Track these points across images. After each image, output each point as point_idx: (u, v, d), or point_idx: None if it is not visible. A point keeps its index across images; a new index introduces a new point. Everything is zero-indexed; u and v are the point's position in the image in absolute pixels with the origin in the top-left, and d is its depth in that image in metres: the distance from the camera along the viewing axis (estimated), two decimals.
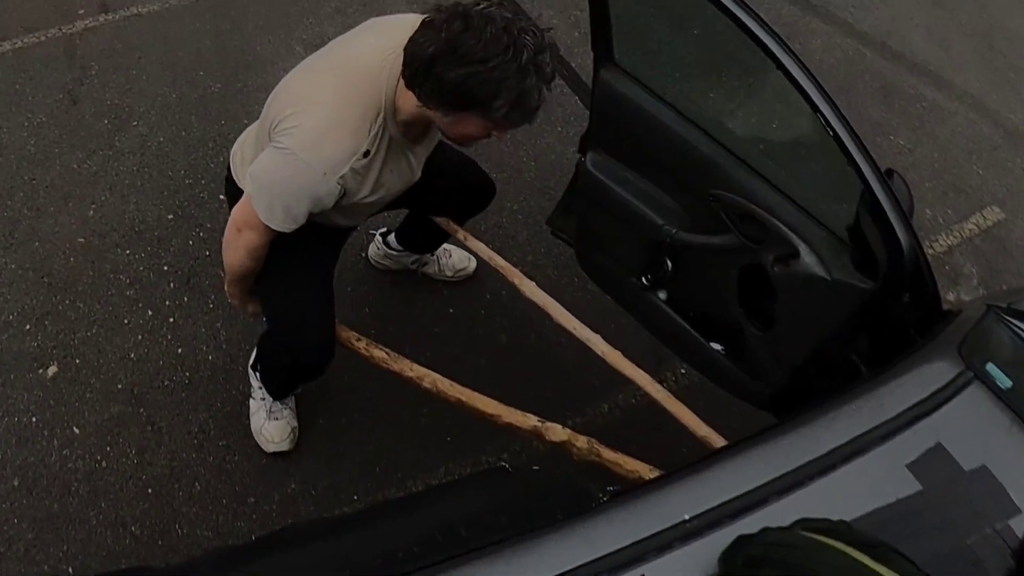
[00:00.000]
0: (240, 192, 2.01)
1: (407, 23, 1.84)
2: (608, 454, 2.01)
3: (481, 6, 1.66)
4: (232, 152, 2.22)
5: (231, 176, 2.20)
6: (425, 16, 1.72)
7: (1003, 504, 1.41)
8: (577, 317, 2.32)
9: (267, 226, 1.94)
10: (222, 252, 2.12)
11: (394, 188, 2.06)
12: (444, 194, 2.48)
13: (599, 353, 2.27)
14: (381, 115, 1.86)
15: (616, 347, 2.27)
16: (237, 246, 2.04)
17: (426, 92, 1.74)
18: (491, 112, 1.71)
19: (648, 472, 1.95)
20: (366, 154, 1.86)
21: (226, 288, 2.30)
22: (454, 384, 2.17)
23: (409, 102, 1.82)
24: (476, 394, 2.15)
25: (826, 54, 4.34)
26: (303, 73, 1.98)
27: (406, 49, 1.72)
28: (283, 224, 1.93)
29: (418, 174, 2.13)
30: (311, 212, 1.93)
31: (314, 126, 1.82)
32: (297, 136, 1.82)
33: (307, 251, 2.19)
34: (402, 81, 1.80)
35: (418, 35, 1.70)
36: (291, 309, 2.23)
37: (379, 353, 2.26)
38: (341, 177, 1.85)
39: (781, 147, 2.18)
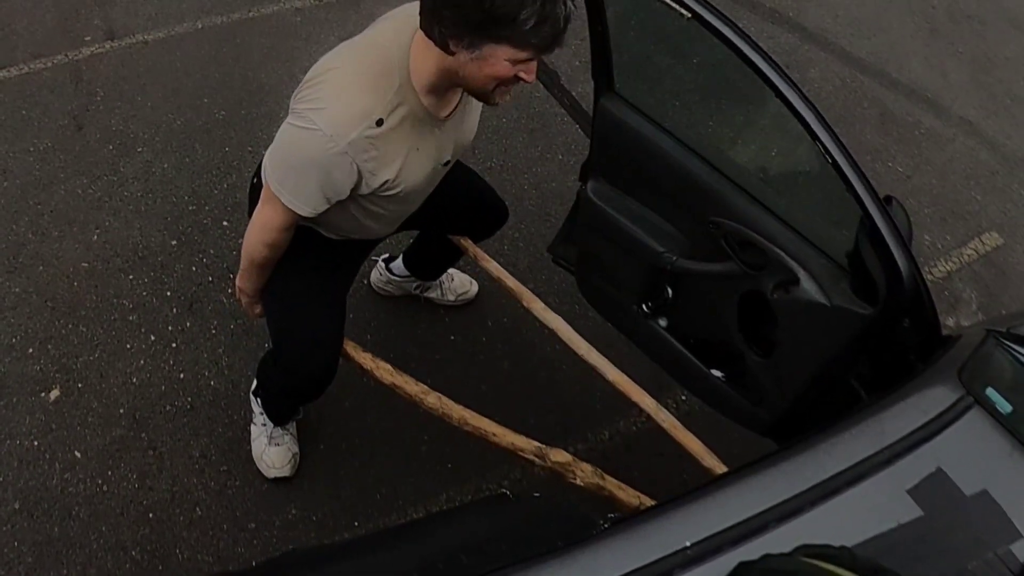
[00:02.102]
0: None
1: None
2: (611, 481, 2.00)
3: None
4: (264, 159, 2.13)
5: (260, 184, 2.11)
6: None
7: (1004, 529, 1.40)
8: (585, 340, 2.33)
9: (281, 203, 1.87)
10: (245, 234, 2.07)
11: (425, 177, 1.99)
12: (460, 214, 2.48)
13: (607, 378, 2.26)
14: (397, 82, 1.79)
15: (624, 375, 2.27)
16: (256, 223, 1.99)
17: (447, 22, 1.65)
18: (518, 28, 1.60)
19: (649, 502, 1.94)
20: (379, 123, 1.78)
21: (237, 280, 2.22)
22: (456, 404, 2.16)
23: (427, 59, 1.76)
24: (478, 415, 2.14)
25: (824, 82, 4.37)
26: (326, 56, 1.90)
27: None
28: (294, 198, 1.85)
29: (447, 158, 2.05)
30: (325, 194, 1.85)
31: (326, 92, 1.77)
32: (308, 103, 1.77)
33: (323, 269, 2.18)
34: (417, 47, 1.76)
35: None
36: (298, 325, 2.21)
37: (384, 365, 2.24)
38: (350, 143, 1.76)
39: (780, 175, 2.19)
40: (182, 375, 2.82)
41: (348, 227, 2.10)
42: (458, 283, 3.07)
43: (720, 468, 2.04)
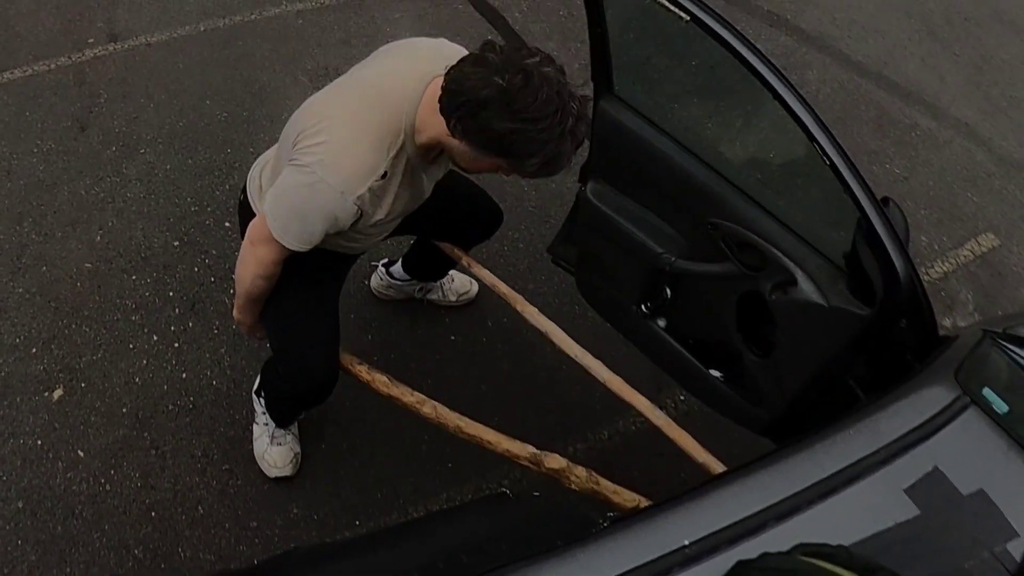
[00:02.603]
0: (254, 216, 2.01)
1: (439, 50, 1.88)
2: (606, 484, 2.00)
3: (537, 59, 1.64)
4: (249, 177, 2.19)
5: (247, 200, 2.18)
6: (479, 52, 1.68)
7: (1001, 528, 1.40)
8: (578, 344, 2.32)
9: (281, 244, 1.90)
10: (236, 270, 2.11)
11: (407, 210, 2.05)
12: (454, 220, 2.49)
13: (601, 380, 2.26)
14: (401, 137, 1.83)
15: (616, 374, 2.27)
16: (249, 262, 2.02)
17: (465, 129, 1.70)
18: (522, 165, 1.73)
19: (644, 503, 1.93)
20: (384, 176, 1.83)
21: (235, 313, 2.26)
22: (452, 411, 2.17)
23: (435, 127, 1.79)
24: (475, 422, 2.14)
25: (822, 84, 4.37)
26: (325, 94, 1.94)
27: (451, 78, 1.68)
28: (297, 243, 1.90)
29: (427, 194, 2.10)
30: (328, 232, 1.90)
31: (334, 145, 1.79)
32: (316, 155, 1.79)
33: (312, 283, 2.19)
34: (427, 105, 1.78)
35: (470, 70, 1.66)
36: (295, 341, 2.23)
37: (380, 378, 2.25)
38: (359, 197, 1.82)
39: (778, 176, 2.19)
40: (184, 375, 2.82)
41: (331, 245, 2.11)
42: (459, 284, 3.07)
43: (716, 466, 2.04)
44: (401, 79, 1.84)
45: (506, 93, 1.61)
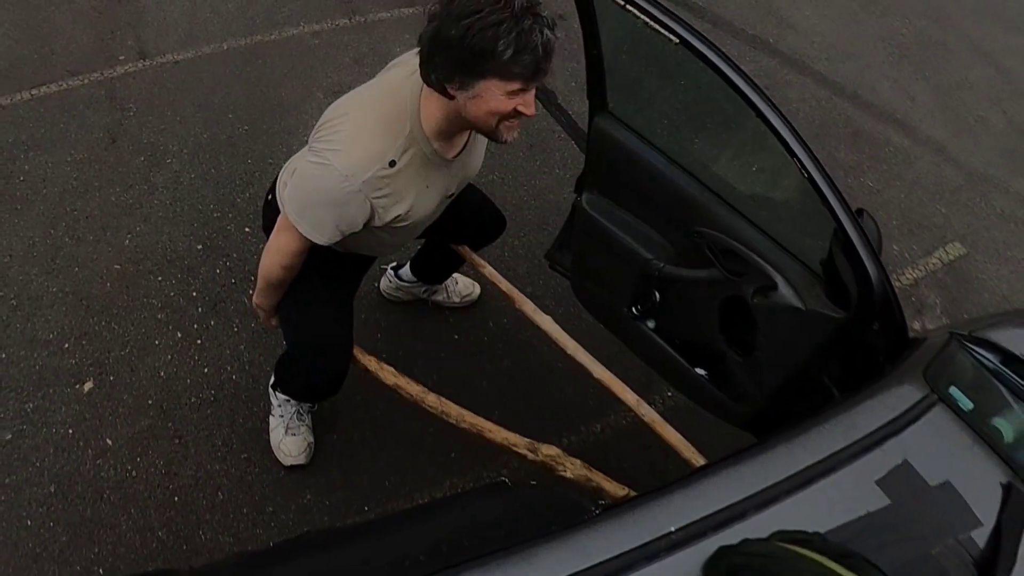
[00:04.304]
0: (278, 215, 1.99)
1: None
2: (597, 474, 2.00)
3: None
4: (278, 181, 2.16)
5: (273, 200, 2.15)
6: None
7: (966, 517, 1.40)
8: (572, 339, 2.32)
9: (299, 232, 1.88)
10: (261, 258, 2.08)
11: (428, 211, 1.99)
12: (464, 226, 2.50)
13: (595, 376, 2.26)
14: (407, 126, 1.80)
15: (608, 371, 2.27)
16: (272, 249, 2.00)
17: (439, 67, 1.67)
18: (499, 59, 1.60)
19: (633, 492, 1.93)
20: (392, 164, 1.79)
21: (255, 298, 2.23)
22: (452, 403, 2.17)
23: (434, 106, 1.77)
24: (474, 414, 2.14)
25: (802, 103, 4.37)
26: (347, 96, 1.91)
27: (418, 43, 1.68)
28: (312, 230, 1.87)
29: (452, 191, 2.05)
30: (340, 227, 1.87)
31: (344, 135, 1.78)
32: (329, 143, 1.78)
33: (331, 282, 2.19)
34: (425, 92, 1.77)
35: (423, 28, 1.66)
36: (311, 336, 2.23)
37: (388, 369, 2.26)
38: (364, 183, 1.78)
39: (760, 188, 2.19)
40: (206, 370, 2.82)
41: (356, 246, 2.10)
42: (462, 286, 3.08)
43: (697, 458, 2.03)
44: (404, 77, 1.83)
45: (443, 7, 1.61)
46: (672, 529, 1.25)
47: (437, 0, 1.64)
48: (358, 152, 1.77)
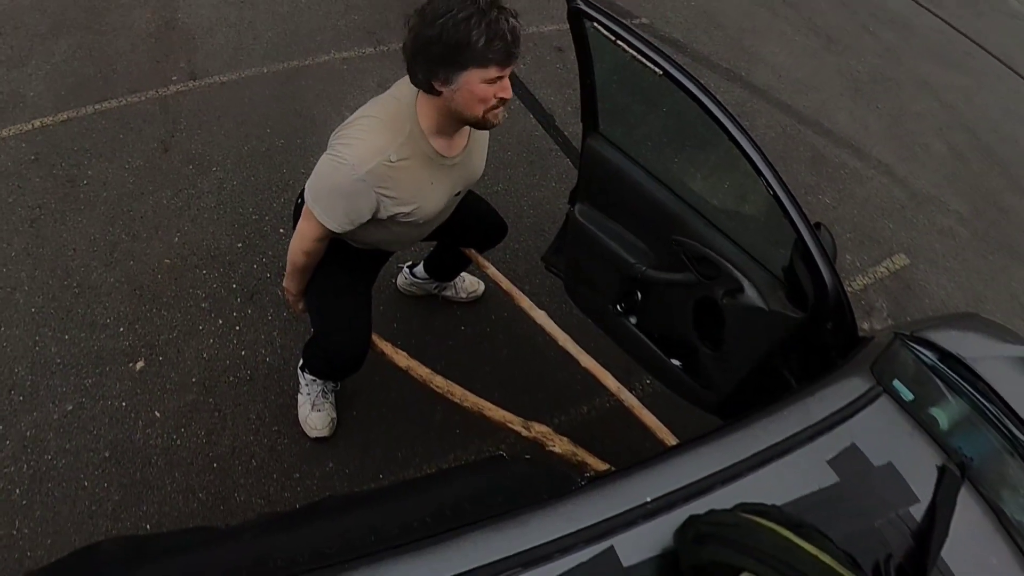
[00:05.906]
0: None
1: None
2: (583, 450, 2.00)
3: None
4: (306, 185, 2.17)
5: (303, 201, 2.14)
6: None
7: (905, 494, 1.40)
8: (564, 332, 2.32)
9: (316, 219, 1.88)
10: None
11: (435, 208, 1.99)
12: (468, 230, 2.50)
13: (583, 364, 2.26)
14: (408, 126, 1.82)
15: (594, 360, 2.27)
16: (296, 234, 2.01)
17: (423, 67, 1.68)
18: (475, 49, 1.61)
19: (614, 467, 1.92)
20: (393, 158, 1.80)
21: (284, 283, 2.23)
22: (457, 385, 2.16)
23: (428, 106, 1.79)
24: (475, 395, 2.14)
25: (768, 129, 4.37)
26: (362, 107, 1.94)
27: (402, 51, 1.70)
28: (324, 216, 1.87)
29: (458, 190, 2.06)
30: (349, 215, 1.87)
31: (355, 133, 1.81)
32: (342, 140, 1.81)
33: (351, 273, 2.20)
34: (420, 94, 1.79)
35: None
36: (334, 320, 2.22)
37: (402, 354, 2.25)
38: (368, 172, 1.78)
39: (731, 203, 2.19)
40: (243, 352, 2.82)
41: (374, 241, 2.10)
42: (469, 283, 3.07)
43: (670, 438, 2.03)
44: (408, 88, 1.84)
45: (420, 15, 1.64)
46: (648, 500, 1.25)
47: (414, 11, 1.66)
48: (362, 146, 1.79)
